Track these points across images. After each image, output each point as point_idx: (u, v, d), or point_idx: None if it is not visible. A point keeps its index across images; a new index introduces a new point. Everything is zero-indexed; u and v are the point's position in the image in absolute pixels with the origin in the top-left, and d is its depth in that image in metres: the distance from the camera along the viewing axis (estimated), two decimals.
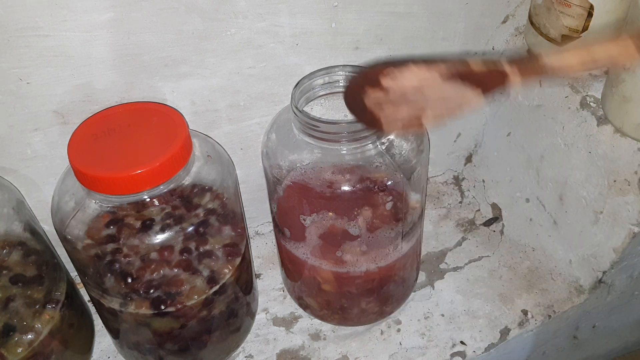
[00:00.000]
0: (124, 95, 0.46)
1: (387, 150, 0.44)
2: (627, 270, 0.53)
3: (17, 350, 0.41)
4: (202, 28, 0.45)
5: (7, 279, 0.42)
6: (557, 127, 0.53)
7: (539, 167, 0.56)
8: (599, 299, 0.56)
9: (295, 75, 0.50)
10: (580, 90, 0.51)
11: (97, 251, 0.41)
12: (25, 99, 0.43)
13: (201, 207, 0.43)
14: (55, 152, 0.47)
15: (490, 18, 0.56)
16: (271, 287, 0.57)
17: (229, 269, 0.45)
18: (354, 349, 0.52)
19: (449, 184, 0.68)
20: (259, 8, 0.46)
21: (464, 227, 0.63)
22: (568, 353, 0.62)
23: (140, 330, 0.45)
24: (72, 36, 0.42)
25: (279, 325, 0.54)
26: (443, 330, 0.53)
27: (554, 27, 0.50)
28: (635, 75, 0.44)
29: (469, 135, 0.65)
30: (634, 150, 0.46)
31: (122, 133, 0.41)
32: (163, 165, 0.39)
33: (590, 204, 0.51)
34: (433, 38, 0.55)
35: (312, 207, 0.44)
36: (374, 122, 0.37)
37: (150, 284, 0.42)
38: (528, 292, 0.56)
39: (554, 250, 0.57)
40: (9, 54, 0.41)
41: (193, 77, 0.48)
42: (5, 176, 0.46)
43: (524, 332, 0.53)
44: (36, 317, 0.43)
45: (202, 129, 0.51)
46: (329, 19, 0.49)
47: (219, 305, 0.46)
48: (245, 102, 0.51)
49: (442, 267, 0.59)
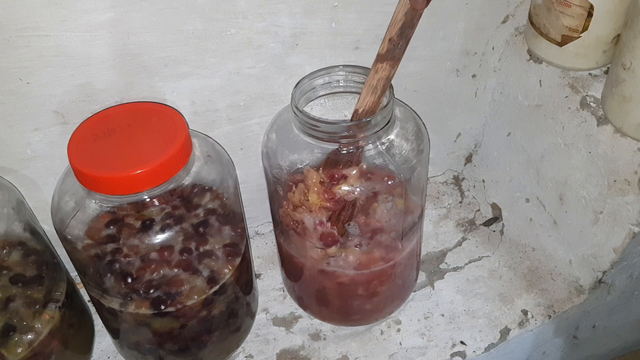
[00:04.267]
0: (124, 95, 0.46)
1: (387, 150, 0.44)
2: (627, 270, 0.53)
3: (17, 350, 0.41)
4: (202, 28, 0.45)
5: (7, 279, 0.42)
6: (557, 127, 0.53)
7: (539, 167, 0.56)
8: (599, 299, 0.56)
9: (295, 75, 0.50)
10: (580, 90, 0.51)
11: (97, 251, 0.41)
12: (25, 99, 0.43)
13: (201, 207, 0.43)
14: (55, 152, 0.47)
15: (490, 18, 0.56)
16: (271, 287, 0.57)
17: (229, 269, 0.45)
18: (354, 349, 0.52)
19: (449, 184, 0.68)
20: (259, 8, 0.46)
21: (464, 227, 0.63)
22: (568, 353, 0.62)
23: (140, 330, 0.45)
24: (72, 36, 0.42)
25: (279, 325, 0.54)
26: (443, 330, 0.53)
27: (554, 27, 0.50)
28: (635, 75, 0.44)
29: (469, 135, 0.65)
30: (634, 150, 0.46)
31: (122, 133, 0.41)
32: (163, 165, 0.39)
33: (590, 204, 0.51)
34: (433, 38, 0.54)
35: (312, 207, 0.44)
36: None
37: (150, 284, 0.42)
38: (528, 292, 0.56)
39: (554, 250, 0.57)
40: (9, 54, 0.41)
41: (193, 77, 0.48)
42: (5, 176, 0.46)
43: (524, 332, 0.53)
44: (36, 317, 0.43)
45: (202, 129, 0.51)
46: (329, 19, 0.49)
47: (219, 305, 0.46)
48: (245, 102, 0.51)
49: (442, 267, 0.59)
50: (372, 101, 0.42)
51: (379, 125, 0.42)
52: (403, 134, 0.45)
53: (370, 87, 0.42)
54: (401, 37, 0.40)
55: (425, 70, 0.57)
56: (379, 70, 0.41)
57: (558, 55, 0.52)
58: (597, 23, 0.48)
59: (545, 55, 0.53)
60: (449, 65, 0.57)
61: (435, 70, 0.57)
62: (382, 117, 0.42)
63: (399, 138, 0.45)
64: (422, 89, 0.58)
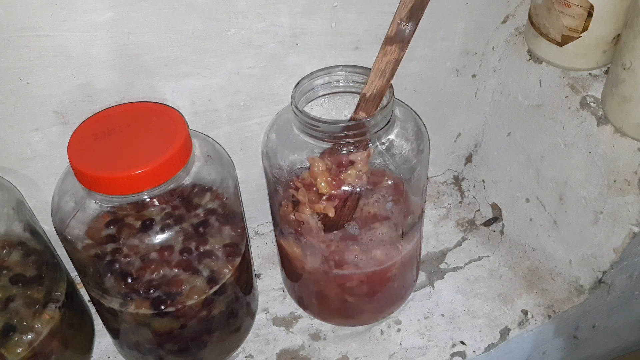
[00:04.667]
0: (124, 95, 0.46)
1: (387, 150, 0.44)
2: (627, 270, 0.53)
3: (17, 350, 0.41)
4: (202, 28, 0.45)
5: (7, 279, 0.42)
6: (557, 127, 0.53)
7: (539, 167, 0.56)
8: (599, 299, 0.56)
9: (295, 75, 0.50)
10: (580, 90, 0.51)
11: (97, 251, 0.41)
12: (25, 99, 0.43)
13: (201, 207, 0.43)
14: (55, 152, 0.47)
15: (490, 18, 0.56)
16: (271, 287, 0.57)
17: (229, 269, 0.45)
18: (354, 349, 0.52)
19: (449, 184, 0.68)
20: (259, 8, 0.46)
21: (464, 227, 0.63)
22: (568, 353, 0.62)
23: (140, 330, 0.45)
24: (72, 36, 0.42)
25: (279, 325, 0.54)
26: (443, 330, 0.53)
27: (554, 27, 0.50)
28: (635, 75, 0.44)
29: (469, 135, 0.65)
30: (634, 150, 0.46)
31: (122, 133, 0.41)
32: (163, 165, 0.39)
33: (590, 204, 0.51)
34: (433, 38, 0.55)
35: (312, 206, 0.44)
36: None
37: (150, 284, 0.42)
38: (528, 292, 0.56)
39: (554, 250, 0.57)
40: (9, 54, 0.41)
41: (193, 77, 0.48)
42: (5, 176, 0.46)
43: (524, 332, 0.53)
44: (36, 317, 0.43)
45: (202, 129, 0.51)
46: (329, 19, 0.49)
47: (219, 305, 0.46)
48: (245, 102, 0.51)
49: (442, 267, 0.59)
50: (380, 84, 0.41)
51: (379, 125, 0.42)
52: (403, 134, 0.45)
53: (379, 71, 0.41)
54: (410, 18, 0.39)
55: (425, 70, 0.57)
56: (387, 53, 0.40)
57: (558, 55, 0.52)
58: (597, 23, 0.48)
59: (545, 55, 0.53)
60: (449, 65, 0.57)
61: (435, 70, 0.57)
62: (382, 117, 0.42)
63: (399, 138, 0.45)
64: (422, 89, 0.58)
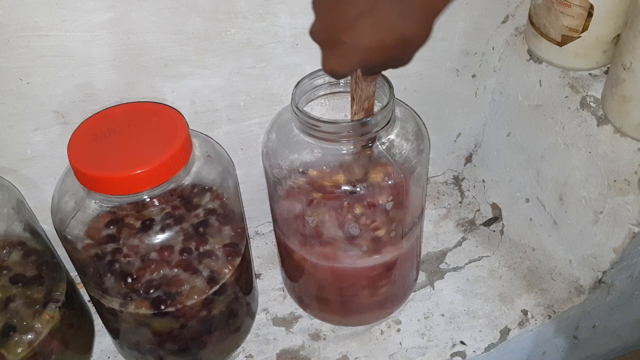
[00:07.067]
0: (124, 95, 0.46)
1: (387, 150, 0.44)
2: (627, 270, 0.53)
3: (17, 350, 0.41)
4: (202, 28, 0.45)
5: (7, 279, 0.42)
6: (557, 127, 0.53)
7: (539, 167, 0.56)
8: (599, 299, 0.56)
9: (295, 75, 0.50)
10: (580, 90, 0.51)
11: (97, 251, 0.41)
12: (25, 99, 0.43)
13: (201, 207, 0.43)
14: (55, 152, 0.47)
15: (490, 18, 0.56)
16: (271, 287, 0.57)
17: (229, 269, 0.45)
18: (354, 349, 0.52)
19: (449, 184, 0.68)
20: (259, 8, 0.46)
21: (464, 227, 0.63)
22: (568, 353, 0.62)
23: (140, 330, 0.45)
24: (72, 36, 0.42)
25: (279, 325, 0.54)
26: (443, 330, 0.53)
27: (554, 27, 0.50)
28: (635, 75, 0.44)
29: (469, 135, 0.65)
30: (634, 150, 0.46)
31: (122, 133, 0.41)
32: (163, 165, 0.39)
33: (590, 204, 0.51)
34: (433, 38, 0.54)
35: (312, 206, 0.44)
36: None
37: (150, 284, 0.42)
38: (528, 292, 0.56)
39: (554, 250, 0.57)
40: (9, 54, 0.41)
41: (193, 77, 0.48)
42: (5, 176, 0.46)
43: (524, 332, 0.53)
44: (36, 317, 0.43)
45: (202, 129, 0.51)
46: None
47: (219, 305, 0.46)
48: (245, 102, 0.51)
49: (442, 267, 0.59)
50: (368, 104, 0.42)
51: (379, 125, 0.42)
52: (403, 134, 0.45)
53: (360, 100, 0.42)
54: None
55: (425, 70, 0.57)
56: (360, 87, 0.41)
57: (558, 55, 0.52)
58: (597, 23, 0.48)
59: (545, 55, 0.53)
60: (449, 65, 0.57)
61: (435, 70, 0.57)
62: (382, 117, 0.42)
63: (399, 138, 0.45)
64: (422, 89, 0.58)
